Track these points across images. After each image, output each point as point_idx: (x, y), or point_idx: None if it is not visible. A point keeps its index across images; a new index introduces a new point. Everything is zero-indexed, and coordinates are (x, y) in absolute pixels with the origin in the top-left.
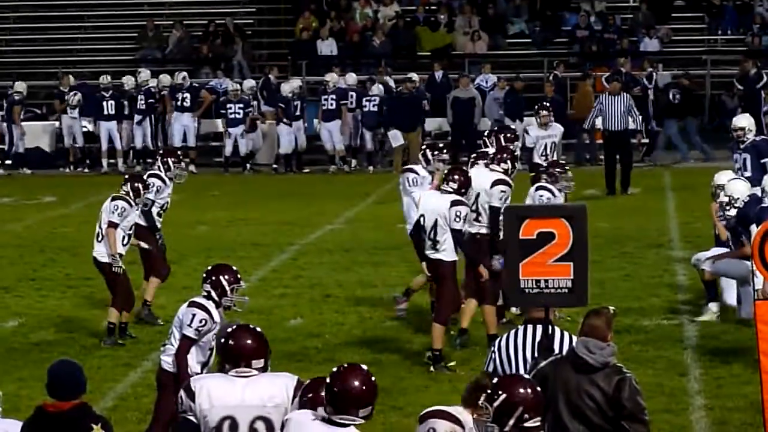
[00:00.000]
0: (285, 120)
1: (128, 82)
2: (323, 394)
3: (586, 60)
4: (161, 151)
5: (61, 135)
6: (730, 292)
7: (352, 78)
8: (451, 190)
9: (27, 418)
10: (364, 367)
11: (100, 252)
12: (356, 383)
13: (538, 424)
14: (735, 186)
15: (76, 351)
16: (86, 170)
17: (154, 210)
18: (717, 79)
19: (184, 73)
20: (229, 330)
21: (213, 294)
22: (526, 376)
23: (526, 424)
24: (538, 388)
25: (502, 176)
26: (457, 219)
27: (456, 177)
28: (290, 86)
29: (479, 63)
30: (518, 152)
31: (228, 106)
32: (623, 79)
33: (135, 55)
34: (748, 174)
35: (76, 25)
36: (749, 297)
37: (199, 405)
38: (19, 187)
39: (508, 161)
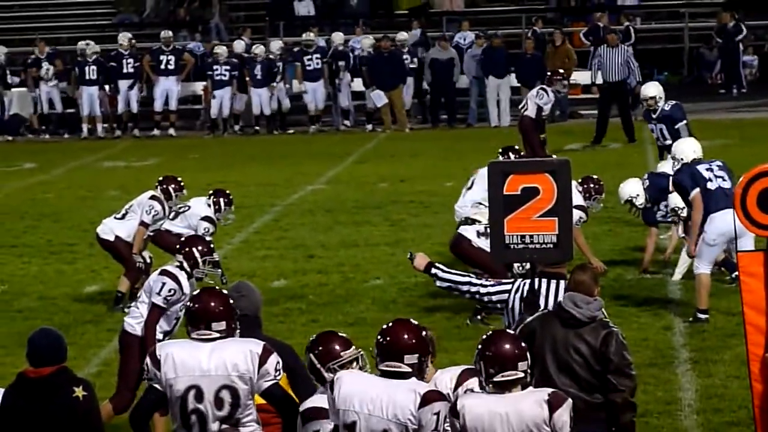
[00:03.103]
0: (248, 81)
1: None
2: (335, 347)
3: (563, 15)
4: (212, 192)
5: (40, 101)
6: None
7: (339, 37)
8: None
9: (9, 385)
10: (414, 321)
11: (104, 230)
12: (400, 334)
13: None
14: (625, 189)
15: (60, 317)
16: (66, 136)
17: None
18: (695, 32)
19: (170, 33)
20: (195, 293)
21: (185, 264)
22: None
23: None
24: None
25: None
26: None
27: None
28: (261, 49)
29: (457, 21)
30: None
31: (215, 67)
32: (602, 34)
33: (112, 20)
34: (669, 143)
35: None
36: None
37: (164, 374)
38: None
39: None
